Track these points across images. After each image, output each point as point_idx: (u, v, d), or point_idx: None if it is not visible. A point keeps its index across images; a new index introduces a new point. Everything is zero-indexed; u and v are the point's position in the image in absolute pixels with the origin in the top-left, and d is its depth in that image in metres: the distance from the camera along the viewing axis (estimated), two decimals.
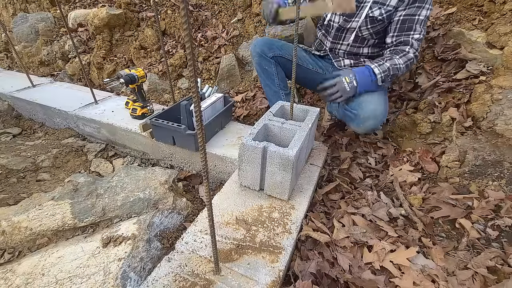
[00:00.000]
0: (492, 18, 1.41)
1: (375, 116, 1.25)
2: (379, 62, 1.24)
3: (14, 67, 3.05)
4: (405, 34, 1.23)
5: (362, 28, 1.31)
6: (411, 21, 1.21)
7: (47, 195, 1.17)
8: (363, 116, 1.26)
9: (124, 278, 0.86)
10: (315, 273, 0.91)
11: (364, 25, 1.30)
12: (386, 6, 1.22)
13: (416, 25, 1.21)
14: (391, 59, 1.23)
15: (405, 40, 1.24)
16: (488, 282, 0.87)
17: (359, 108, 1.27)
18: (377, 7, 1.24)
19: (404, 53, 1.23)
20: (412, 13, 1.20)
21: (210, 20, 2.39)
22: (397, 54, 1.24)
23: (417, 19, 1.20)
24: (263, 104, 1.93)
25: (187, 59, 2.27)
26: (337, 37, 1.43)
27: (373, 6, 1.24)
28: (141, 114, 1.78)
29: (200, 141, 0.58)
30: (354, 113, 1.29)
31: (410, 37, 1.23)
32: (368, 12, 1.26)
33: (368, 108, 1.25)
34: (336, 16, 1.37)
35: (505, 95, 1.20)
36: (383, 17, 1.24)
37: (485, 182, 1.18)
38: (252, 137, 1.09)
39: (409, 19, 1.21)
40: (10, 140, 1.88)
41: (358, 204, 1.21)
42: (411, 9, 1.19)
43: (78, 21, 2.64)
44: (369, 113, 1.24)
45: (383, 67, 1.22)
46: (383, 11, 1.23)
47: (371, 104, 1.25)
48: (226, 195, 1.15)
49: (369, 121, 1.26)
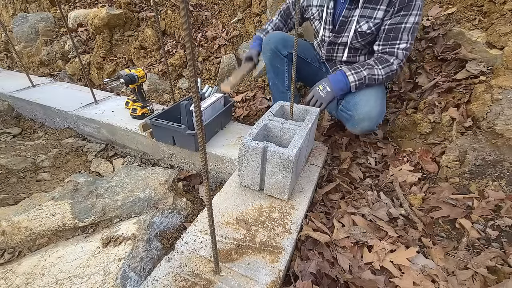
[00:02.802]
0: (492, 18, 1.41)
1: (370, 118, 1.24)
2: (357, 69, 1.23)
3: (14, 67, 3.05)
4: (391, 44, 1.22)
5: (353, 42, 1.32)
6: (397, 30, 1.19)
7: (47, 195, 1.17)
8: (358, 118, 1.26)
9: (124, 278, 0.86)
10: (315, 273, 0.91)
11: (354, 39, 1.31)
12: (373, 19, 1.22)
13: (402, 34, 1.18)
14: (371, 68, 1.22)
15: (389, 51, 1.22)
16: (488, 282, 0.87)
17: (354, 109, 1.27)
18: (365, 21, 1.24)
19: (388, 63, 1.22)
20: (398, 22, 1.18)
21: (210, 20, 2.39)
22: (381, 64, 1.23)
23: (403, 28, 1.17)
24: (263, 104, 1.93)
25: (187, 59, 2.27)
26: (330, 50, 1.45)
27: (360, 20, 1.24)
28: (141, 114, 1.78)
29: (200, 141, 0.58)
30: (350, 114, 1.30)
31: (396, 48, 1.21)
32: (357, 27, 1.26)
33: (363, 110, 1.25)
34: (326, 31, 1.38)
35: (505, 95, 1.20)
36: (371, 30, 1.24)
37: (485, 182, 1.18)
38: (252, 137, 1.09)
39: (395, 28, 1.19)
40: (10, 140, 1.88)
41: (358, 204, 1.21)
42: (396, 18, 1.17)
43: (78, 21, 2.64)
44: (364, 114, 1.24)
45: (360, 75, 1.22)
46: (371, 25, 1.23)
47: (366, 106, 1.25)
48: (226, 195, 1.15)
49: (364, 123, 1.26)
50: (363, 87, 1.26)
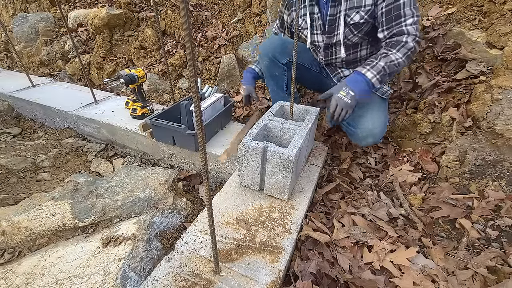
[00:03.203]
0: (492, 18, 1.41)
1: (373, 134, 1.24)
2: (372, 63, 1.13)
3: (14, 67, 3.05)
4: (396, 24, 1.11)
5: (349, 36, 1.25)
6: (396, 8, 1.09)
7: (47, 195, 1.17)
8: (362, 135, 1.25)
9: (124, 278, 0.86)
10: (315, 273, 0.91)
11: (349, 33, 1.24)
12: (363, 7, 1.15)
13: (404, 10, 1.08)
14: (386, 56, 1.11)
15: (398, 31, 1.11)
16: (488, 282, 0.87)
17: (357, 126, 1.26)
18: (355, 12, 1.17)
19: (402, 43, 1.10)
20: (394, 0, 1.09)
21: (210, 20, 2.39)
22: (394, 48, 1.11)
23: (402, 3, 1.08)
24: (263, 104, 1.93)
25: (187, 59, 2.27)
26: (328, 54, 1.39)
27: (350, 13, 1.18)
28: (141, 114, 1.78)
29: (200, 141, 0.58)
30: (353, 131, 1.29)
31: (403, 25, 1.10)
32: (348, 21, 1.20)
33: (365, 127, 1.23)
34: (318, 36, 1.34)
35: (505, 95, 1.20)
36: (365, 19, 1.17)
37: (485, 182, 1.18)
38: (252, 137, 1.09)
39: (393, 7, 1.09)
40: (10, 140, 1.88)
41: (358, 204, 1.21)
42: None
43: (78, 21, 2.64)
44: (367, 132, 1.23)
45: (377, 68, 1.11)
46: (362, 13, 1.16)
47: (369, 122, 1.23)
48: (226, 195, 1.15)
49: (368, 139, 1.26)
50: (387, 79, 1.18)
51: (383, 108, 1.30)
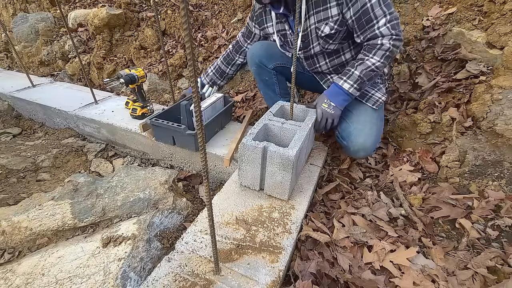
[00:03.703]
0: (492, 18, 1.41)
1: (365, 148, 1.24)
2: (348, 72, 1.16)
3: (14, 67, 3.05)
4: (369, 28, 1.10)
5: (326, 46, 1.25)
6: (365, 12, 1.07)
7: (47, 195, 1.17)
8: (353, 149, 1.26)
9: (124, 278, 0.86)
10: (315, 273, 0.91)
11: (325, 44, 1.24)
12: (331, 18, 1.15)
13: (374, 11, 1.06)
14: (362, 62, 1.14)
15: (372, 35, 1.11)
16: (488, 282, 0.87)
17: (349, 140, 1.26)
18: (324, 24, 1.17)
19: (377, 46, 1.10)
20: (361, 5, 1.07)
21: (210, 20, 2.39)
22: (370, 52, 1.12)
23: (370, 6, 1.06)
24: (263, 104, 1.93)
25: (187, 59, 2.27)
26: (311, 64, 1.39)
27: (320, 25, 1.18)
28: (141, 114, 1.78)
29: (200, 141, 0.58)
30: (345, 144, 1.30)
31: (375, 28, 1.09)
32: (319, 33, 1.20)
33: (357, 141, 1.24)
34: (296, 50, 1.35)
35: (505, 95, 1.20)
36: (335, 29, 1.17)
37: (485, 182, 1.18)
38: (252, 137, 1.09)
39: (362, 12, 1.08)
40: (10, 140, 1.88)
41: (358, 204, 1.21)
42: (356, 3, 1.07)
43: (78, 21, 2.64)
44: (359, 146, 1.24)
45: (353, 78, 1.15)
46: (332, 24, 1.16)
47: (360, 136, 1.23)
48: (226, 195, 1.15)
49: (360, 153, 1.27)
50: (366, 85, 1.18)
51: (375, 120, 1.28)
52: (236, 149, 1.44)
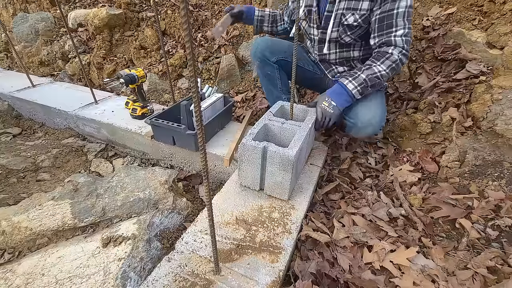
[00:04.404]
0: (492, 18, 1.41)
1: (372, 124, 1.25)
2: (355, 74, 1.19)
3: (14, 67, 3.05)
4: (386, 33, 1.14)
5: (342, 35, 1.27)
6: (389, 17, 1.11)
7: (47, 195, 1.17)
8: (361, 125, 1.26)
9: (124, 278, 0.86)
10: (315, 273, 0.91)
11: (343, 33, 1.26)
12: (359, 10, 1.17)
13: (396, 20, 1.11)
14: (369, 68, 1.16)
15: (387, 41, 1.15)
16: (488, 282, 0.87)
17: (356, 117, 1.27)
18: (350, 13, 1.19)
19: (386, 55, 1.14)
20: (388, 9, 1.11)
21: (210, 20, 2.39)
22: (378, 60, 1.16)
23: (396, 13, 1.10)
24: (263, 104, 1.93)
25: (187, 59, 2.27)
26: (321, 49, 1.39)
27: (346, 13, 1.19)
28: (141, 114, 1.78)
29: (200, 141, 0.58)
30: (352, 122, 1.30)
31: (392, 36, 1.13)
32: (343, 20, 1.22)
33: (365, 117, 1.24)
34: (314, 30, 1.35)
35: (505, 95, 1.20)
36: (358, 22, 1.19)
37: (485, 182, 1.18)
38: (252, 137, 1.09)
39: (387, 16, 1.12)
40: (10, 140, 1.88)
41: (358, 204, 1.21)
42: (385, 5, 1.11)
43: (78, 21, 2.64)
44: (366, 122, 1.25)
45: (359, 80, 1.17)
46: (357, 16, 1.18)
47: (367, 113, 1.24)
48: (226, 195, 1.15)
49: (368, 129, 1.27)
50: (369, 90, 1.20)
51: (380, 99, 1.31)
52: (236, 149, 1.44)
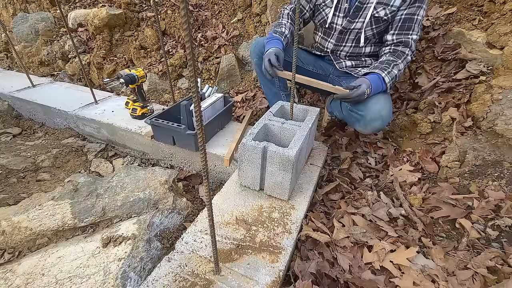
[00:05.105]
0: (492, 18, 1.41)
1: (381, 116, 1.24)
2: (388, 69, 1.23)
3: (14, 67, 3.05)
4: (405, 33, 1.24)
5: (367, 28, 1.31)
6: (411, 20, 1.22)
7: (47, 195, 1.17)
8: (370, 118, 1.25)
9: (124, 278, 0.86)
10: (315, 273, 0.91)
11: (368, 26, 1.30)
12: (390, 6, 1.22)
13: (415, 25, 1.22)
14: (397, 64, 1.23)
15: (405, 41, 1.24)
16: (488, 282, 0.87)
17: (366, 109, 1.26)
18: (382, 7, 1.24)
19: (404, 55, 1.24)
20: (413, 12, 1.21)
21: (210, 20, 2.39)
22: (399, 58, 1.24)
23: (416, 19, 1.21)
24: (263, 104, 1.93)
25: (187, 59, 2.27)
26: (340, 39, 1.42)
27: (378, 6, 1.24)
28: (141, 114, 1.78)
29: (200, 141, 0.58)
30: (361, 115, 1.28)
31: (410, 38, 1.24)
32: (374, 13, 1.26)
33: (374, 110, 1.24)
34: (339, 19, 1.36)
35: (505, 95, 1.20)
36: (388, 17, 1.25)
37: (485, 182, 1.18)
38: (252, 137, 1.09)
39: (410, 18, 1.22)
40: (10, 140, 1.88)
41: (358, 204, 1.21)
42: (412, 8, 1.20)
43: (78, 21, 2.64)
44: (376, 114, 1.24)
45: (392, 75, 1.23)
46: (387, 11, 1.24)
47: (377, 105, 1.24)
48: (226, 195, 1.15)
49: (376, 122, 1.26)
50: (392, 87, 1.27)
51: (388, 96, 1.32)
52: (236, 149, 1.44)
